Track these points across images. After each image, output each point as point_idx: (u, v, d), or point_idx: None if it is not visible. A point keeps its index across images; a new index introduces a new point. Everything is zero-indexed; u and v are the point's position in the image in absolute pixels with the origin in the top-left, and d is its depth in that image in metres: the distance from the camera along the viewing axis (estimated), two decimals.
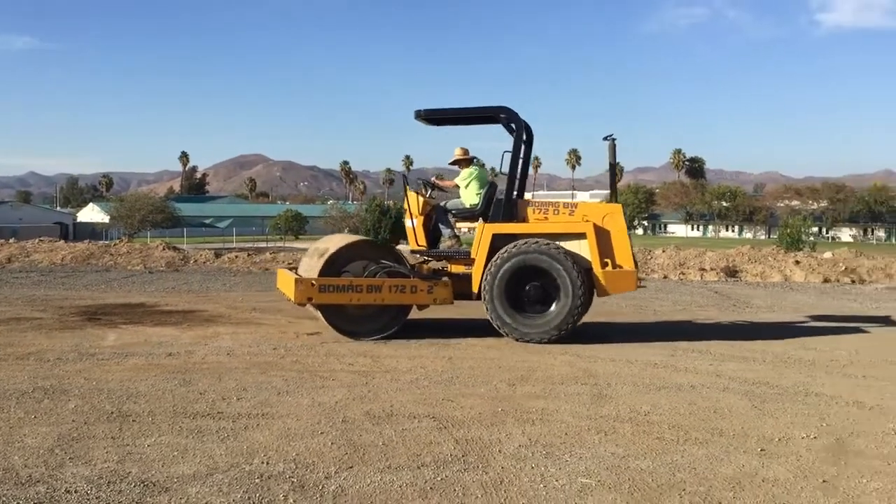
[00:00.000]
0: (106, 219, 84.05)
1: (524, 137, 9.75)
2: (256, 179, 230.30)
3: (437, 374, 7.28)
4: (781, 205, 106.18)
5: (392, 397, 6.34)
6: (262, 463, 4.70)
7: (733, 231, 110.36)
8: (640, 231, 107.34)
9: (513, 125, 9.61)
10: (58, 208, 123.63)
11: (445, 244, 9.77)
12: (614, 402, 6.28)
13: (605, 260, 9.06)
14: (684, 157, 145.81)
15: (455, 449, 5.03)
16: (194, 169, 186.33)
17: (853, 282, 18.53)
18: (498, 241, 9.27)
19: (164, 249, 23.23)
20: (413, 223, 9.68)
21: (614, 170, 9.83)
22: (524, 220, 9.53)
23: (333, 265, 9.32)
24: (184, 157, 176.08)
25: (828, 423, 5.76)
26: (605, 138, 9.69)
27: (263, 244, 60.58)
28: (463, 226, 10.13)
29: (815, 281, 18.61)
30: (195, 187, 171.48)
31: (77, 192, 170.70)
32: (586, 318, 11.04)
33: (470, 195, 9.74)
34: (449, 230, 9.85)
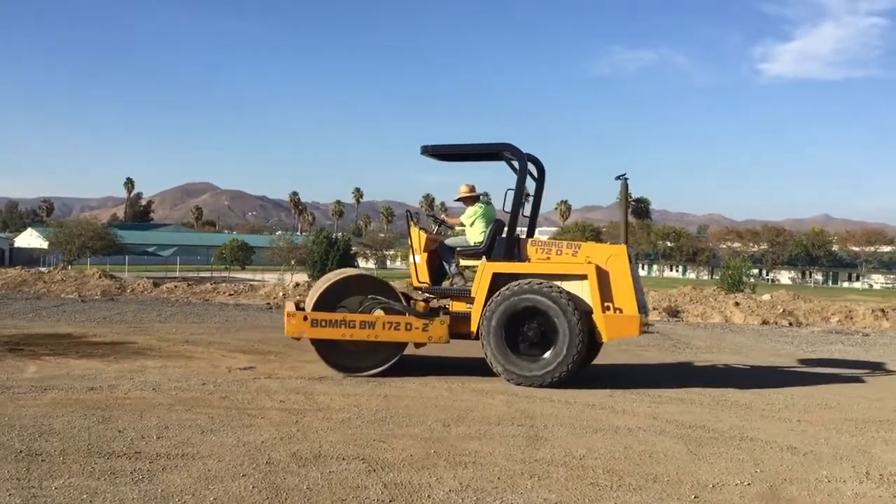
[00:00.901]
0: (45, 244, 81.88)
1: (534, 174, 9.68)
2: (204, 208, 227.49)
3: (371, 412, 7.08)
4: (724, 246, 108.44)
5: (322, 437, 6.12)
6: None
7: (677, 271, 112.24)
8: None
9: (515, 163, 9.39)
10: None
11: (448, 282, 9.57)
12: (550, 445, 6.16)
13: (607, 304, 8.78)
14: (631, 197, 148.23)
15: (382, 493, 4.85)
16: (139, 196, 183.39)
17: (790, 324, 18.84)
18: (498, 281, 9.00)
19: (100, 277, 22.56)
20: (416, 259, 9.47)
21: (627, 209, 9.71)
22: (526, 259, 9.30)
23: (328, 299, 9.15)
24: (129, 183, 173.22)
25: (761, 468, 5.72)
26: (618, 178, 9.75)
27: (208, 273, 59.58)
28: (466, 264, 9.83)
29: (754, 322, 18.87)
30: (140, 215, 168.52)
31: (16, 216, 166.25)
32: None
33: (475, 233, 9.56)
34: (453, 268, 9.63)
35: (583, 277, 8.92)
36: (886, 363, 12.18)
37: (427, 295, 9.59)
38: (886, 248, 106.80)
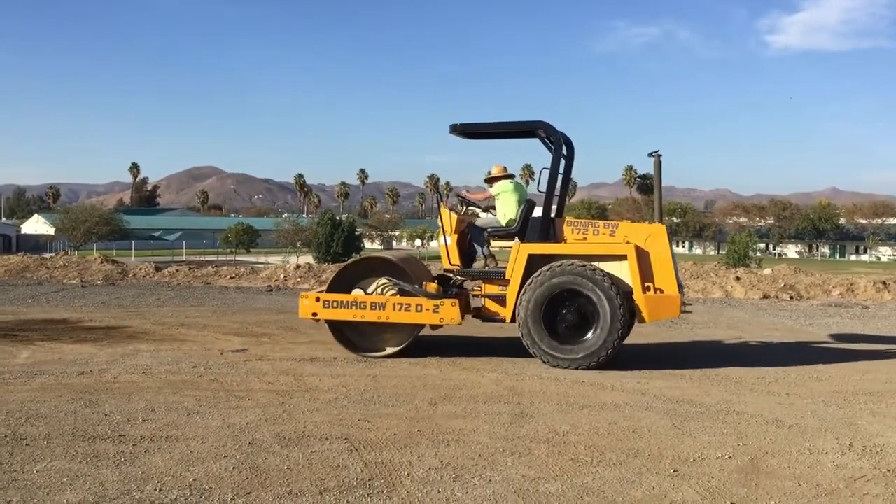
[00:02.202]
0: (51, 231, 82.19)
1: (564, 152, 9.39)
2: (210, 192, 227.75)
3: (359, 393, 7.10)
4: (730, 221, 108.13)
5: (307, 418, 6.14)
6: (155, 490, 4.47)
7: (683, 247, 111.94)
8: None
9: (551, 140, 9.20)
10: (2, 219, 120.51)
11: (479, 263, 9.36)
12: (534, 422, 6.17)
13: (647, 284, 8.59)
14: (636, 173, 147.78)
15: (363, 472, 4.87)
16: (145, 181, 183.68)
17: (791, 298, 18.79)
18: (534, 263, 8.82)
19: (102, 263, 22.63)
20: (447, 241, 9.22)
21: (660, 187, 9.43)
22: (562, 240, 9.12)
23: (343, 281, 9.26)
24: (134, 168, 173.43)
25: (744, 442, 5.72)
26: (651, 154, 9.32)
27: (213, 257, 59.76)
28: (498, 245, 9.61)
29: (755, 297, 18.83)
30: (146, 199, 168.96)
31: (23, 203, 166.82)
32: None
33: (507, 213, 9.33)
34: (484, 249, 9.42)
35: (622, 258, 8.74)
36: (883, 335, 12.15)
37: (459, 278, 9.36)
38: (894, 221, 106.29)
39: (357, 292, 9.16)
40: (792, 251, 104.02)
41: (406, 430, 5.87)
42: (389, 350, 9.07)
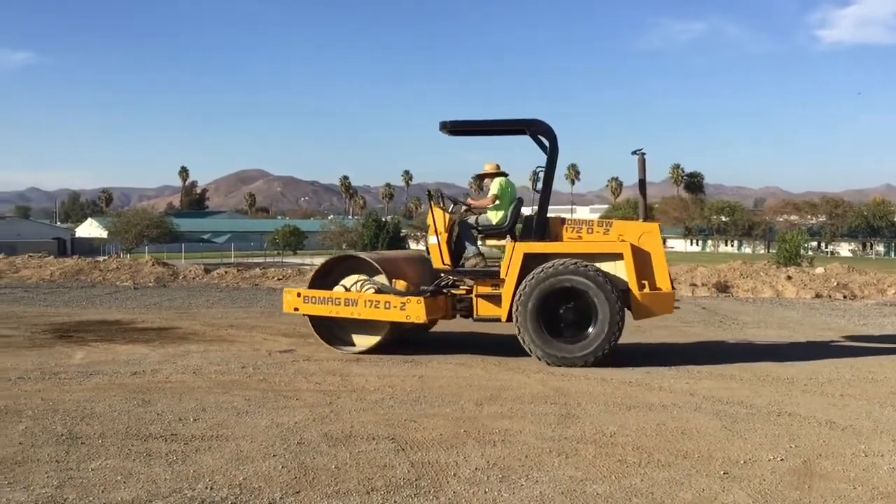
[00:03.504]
0: (104, 234, 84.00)
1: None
2: (257, 195, 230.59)
3: (405, 393, 7.13)
4: (781, 219, 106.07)
5: (354, 418, 6.19)
6: (207, 488, 4.55)
7: (732, 246, 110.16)
8: None
9: (544, 139, 9.24)
10: (57, 223, 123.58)
11: (470, 262, 9.32)
12: (581, 423, 6.13)
13: (643, 281, 8.69)
14: (683, 172, 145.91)
15: (409, 472, 4.89)
16: (194, 184, 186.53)
17: (845, 297, 18.38)
18: (530, 261, 8.87)
19: (153, 265, 23.08)
20: (438, 240, 9.26)
21: (644, 186, 9.43)
22: (557, 238, 9.17)
23: (324, 278, 9.64)
24: (183, 172, 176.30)
25: (797, 444, 5.61)
26: (634, 153, 9.33)
27: (261, 259, 60.50)
28: (490, 244, 9.65)
29: (807, 297, 18.45)
30: (195, 202, 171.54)
31: (77, 207, 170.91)
32: None
33: (497, 211, 9.37)
34: (473, 247, 9.42)
35: (618, 256, 8.79)
36: None
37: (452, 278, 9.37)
38: None
39: (339, 289, 9.42)
40: (845, 249, 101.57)
41: (452, 430, 5.88)
42: (365, 346, 9.29)
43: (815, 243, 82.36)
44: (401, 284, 9.13)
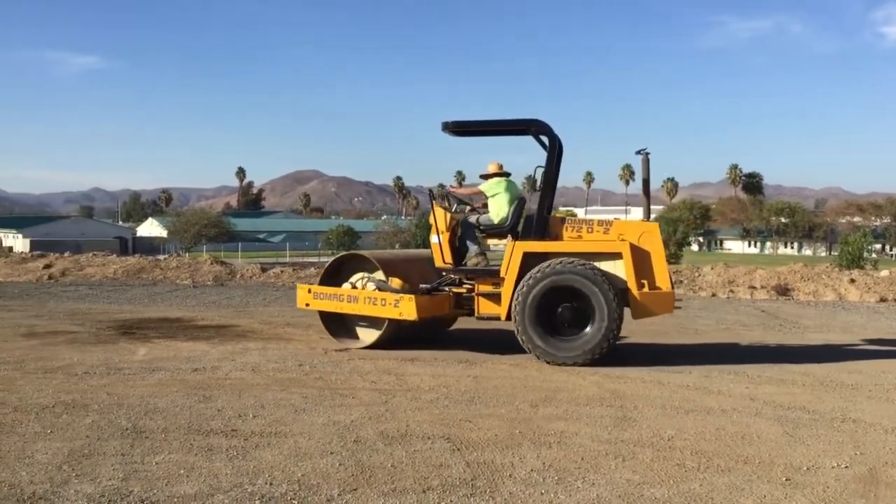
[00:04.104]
0: (164, 233, 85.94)
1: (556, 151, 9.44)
2: (312, 195, 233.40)
3: (460, 393, 7.14)
4: (843, 221, 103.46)
5: (409, 417, 6.23)
6: (266, 484, 4.62)
7: (792, 248, 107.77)
8: (694, 247, 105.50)
9: (545, 139, 9.32)
10: (119, 223, 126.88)
11: (471, 261, 9.42)
12: (638, 426, 6.07)
13: (643, 280, 8.68)
14: (741, 172, 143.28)
15: (465, 472, 4.90)
16: (251, 184, 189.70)
17: None
18: (529, 260, 8.93)
19: (212, 264, 23.50)
20: (438, 239, 9.41)
21: (648, 185, 9.47)
22: (557, 237, 9.21)
23: (332, 275, 10.03)
24: (241, 172, 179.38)
25: (862, 451, 5.47)
26: (638, 152, 9.32)
27: (316, 259, 61.18)
28: (491, 243, 9.80)
29: (871, 300, 17.95)
30: (251, 202, 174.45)
31: (138, 206, 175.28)
32: (622, 337, 10.82)
33: (499, 210, 9.42)
34: (475, 246, 9.53)
35: (617, 256, 8.80)
36: None
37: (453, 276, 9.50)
38: None
39: (346, 286, 9.81)
40: None
41: (507, 431, 5.87)
42: (368, 341, 9.62)
43: (879, 246, 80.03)
44: (395, 282, 9.31)
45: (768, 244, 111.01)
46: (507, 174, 9.69)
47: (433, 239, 9.49)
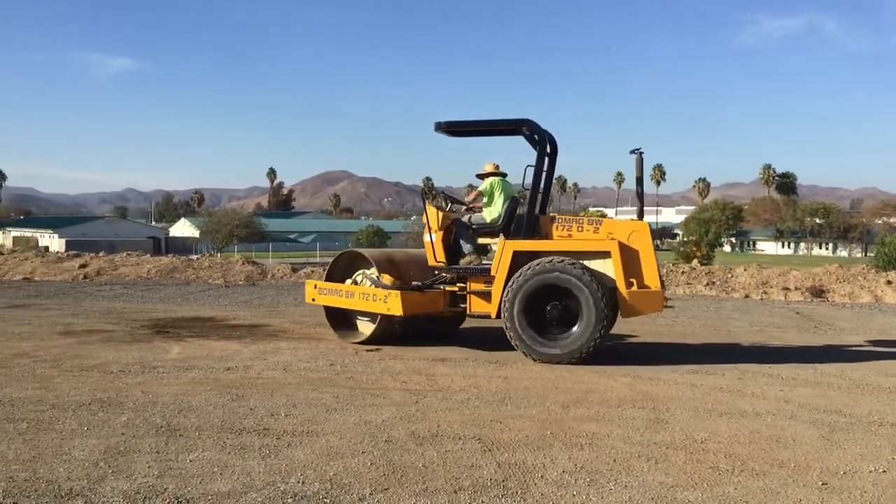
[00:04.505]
0: (196, 233, 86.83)
1: (547, 150, 9.56)
2: (341, 195, 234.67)
3: (491, 394, 7.14)
4: (879, 222, 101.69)
5: (440, 417, 6.23)
6: (299, 482, 4.65)
7: (827, 249, 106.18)
8: (727, 248, 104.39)
9: (536, 138, 9.41)
10: (152, 223, 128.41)
11: (464, 260, 9.60)
12: (670, 428, 6.02)
13: (631, 279, 8.68)
14: (774, 172, 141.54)
15: (496, 473, 4.89)
16: (281, 185, 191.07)
17: None
18: (519, 259, 9.03)
19: (243, 264, 23.72)
20: (432, 238, 9.61)
21: (642, 185, 9.51)
22: (547, 236, 9.29)
23: (336, 272, 10.56)
24: (271, 173, 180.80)
25: None
26: (633, 151, 9.39)
27: None
28: (484, 242, 9.85)
29: None
30: (282, 203, 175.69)
31: (171, 207, 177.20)
32: (654, 339, 10.75)
33: (492, 210, 9.58)
34: (469, 246, 9.67)
35: (606, 255, 8.82)
36: None
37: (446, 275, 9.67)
38: None
39: (349, 282, 10.21)
40: None
41: (538, 432, 5.85)
42: (364, 335, 9.95)
43: None
44: (386, 279, 9.60)
45: (802, 245, 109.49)
46: (503, 174, 9.84)
47: (426, 238, 9.75)
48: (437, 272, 9.71)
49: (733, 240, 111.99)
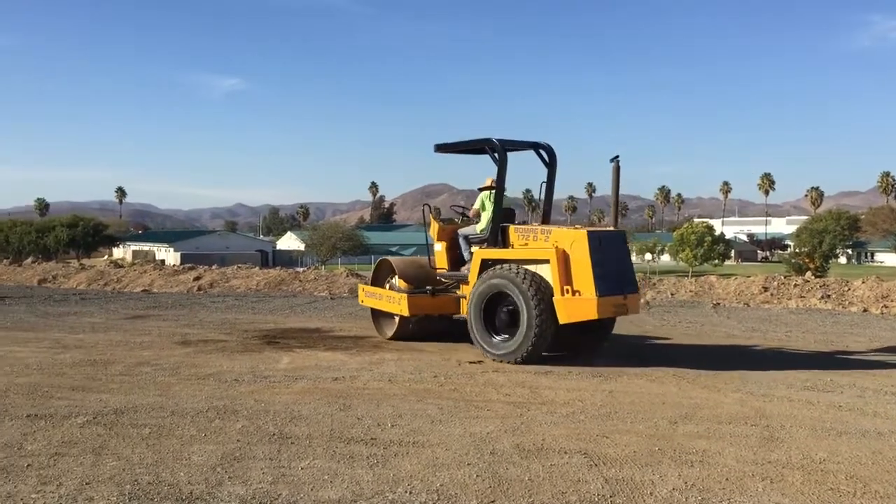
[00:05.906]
0: (302, 246, 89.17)
1: (546, 160, 10.63)
2: (442, 208, 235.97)
3: (596, 408, 7.05)
4: None
5: (545, 431, 6.20)
6: (406, 492, 4.72)
7: None
8: (842, 260, 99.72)
9: (496, 155, 10.15)
10: (260, 237, 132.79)
11: (463, 268, 10.53)
12: (786, 447, 5.80)
13: (566, 287, 9.02)
14: (893, 180, 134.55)
15: (603, 488, 4.83)
16: (382, 198, 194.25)
17: None
18: (486, 266, 9.83)
19: (347, 276, 24.24)
20: (437, 248, 10.91)
21: (617, 194, 9.80)
22: (510, 245, 10.00)
23: (380, 278, 11.84)
24: (373, 187, 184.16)
25: None
26: (612, 160, 9.62)
27: None
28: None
29: None
30: (383, 216, 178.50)
31: (278, 221, 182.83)
32: (767, 351, 10.42)
33: (482, 221, 10.40)
34: (468, 254, 10.51)
35: (547, 262, 9.26)
36: None
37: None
38: None
39: (386, 286, 11.44)
40: None
41: (646, 447, 5.75)
42: (390, 334, 11.35)
43: None
44: (401, 284, 11.00)
45: None
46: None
47: (435, 247, 10.97)
48: (440, 278, 10.83)
49: (849, 251, 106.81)
